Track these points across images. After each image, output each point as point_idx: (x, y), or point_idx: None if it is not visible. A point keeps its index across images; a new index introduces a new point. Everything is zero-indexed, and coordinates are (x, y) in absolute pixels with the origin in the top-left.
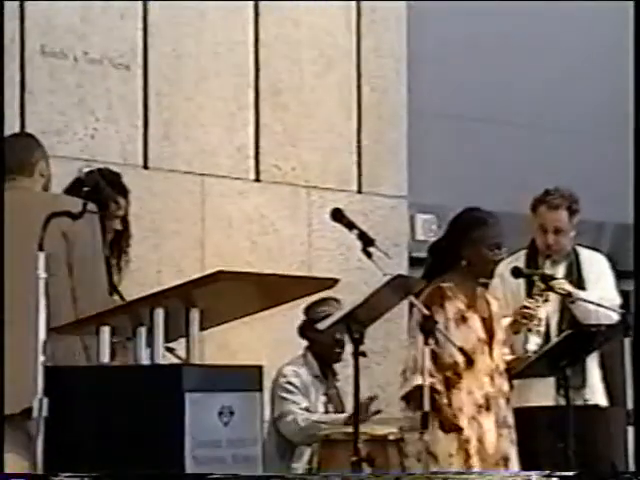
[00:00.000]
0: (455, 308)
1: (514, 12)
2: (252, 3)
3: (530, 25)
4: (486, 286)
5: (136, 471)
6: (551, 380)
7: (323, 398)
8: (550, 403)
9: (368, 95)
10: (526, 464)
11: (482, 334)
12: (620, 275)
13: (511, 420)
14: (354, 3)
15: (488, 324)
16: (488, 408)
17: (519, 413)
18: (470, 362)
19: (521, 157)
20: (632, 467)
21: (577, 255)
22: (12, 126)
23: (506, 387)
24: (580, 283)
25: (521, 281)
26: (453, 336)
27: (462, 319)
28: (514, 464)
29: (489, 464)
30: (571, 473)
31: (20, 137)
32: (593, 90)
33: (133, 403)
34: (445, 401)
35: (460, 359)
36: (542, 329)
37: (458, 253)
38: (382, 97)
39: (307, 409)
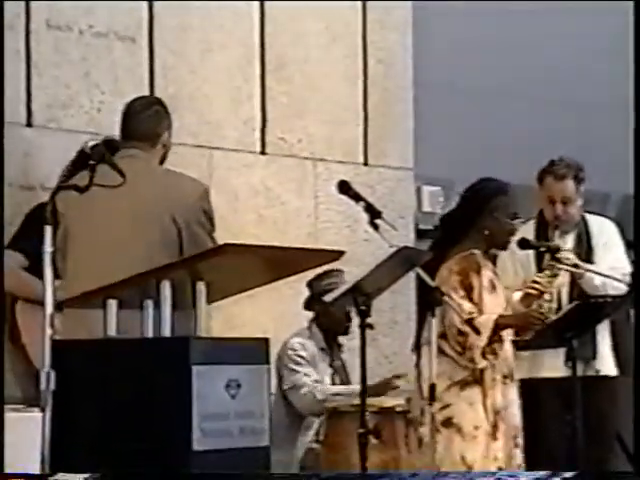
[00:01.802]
0: (487, 275)
1: None
2: None
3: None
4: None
5: (138, 466)
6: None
7: (329, 370)
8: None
9: (374, 67)
10: (533, 437)
11: (504, 303)
12: (627, 245)
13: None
14: None
15: (504, 293)
16: (512, 378)
17: (527, 385)
18: (478, 333)
19: (527, 129)
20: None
21: (586, 223)
22: (18, 100)
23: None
24: (589, 252)
25: (530, 252)
26: (487, 303)
27: (492, 287)
28: (520, 432)
29: (510, 436)
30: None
31: (149, 104)
32: (601, 62)
33: (140, 376)
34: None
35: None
36: (554, 305)
37: (477, 223)
38: (388, 69)
39: (317, 381)
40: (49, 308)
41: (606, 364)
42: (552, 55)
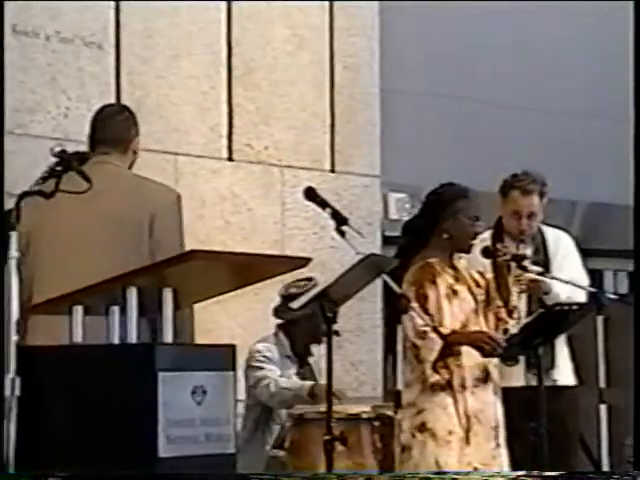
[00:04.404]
0: (445, 283)
1: None
2: None
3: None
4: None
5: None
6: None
7: (295, 378)
8: (521, 384)
9: (341, 74)
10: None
11: (473, 304)
12: (592, 253)
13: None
14: None
15: (479, 293)
16: (486, 380)
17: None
18: (443, 338)
19: (494, 136)
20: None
21: (543, 235)
22: None
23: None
24: (547, 264)
25: (487, 261)
26: (446, 311)
27: (453, 293)
28: (502, 431)
29: (487, 437)
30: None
31: (120, 110)
32: (568, 68)
33: (106, 382)
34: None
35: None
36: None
37: (439, 227)
38: (355, 76)
39: (281, 376)
40: (14, 313)
41: (564, 373)
42: (519, 61)
